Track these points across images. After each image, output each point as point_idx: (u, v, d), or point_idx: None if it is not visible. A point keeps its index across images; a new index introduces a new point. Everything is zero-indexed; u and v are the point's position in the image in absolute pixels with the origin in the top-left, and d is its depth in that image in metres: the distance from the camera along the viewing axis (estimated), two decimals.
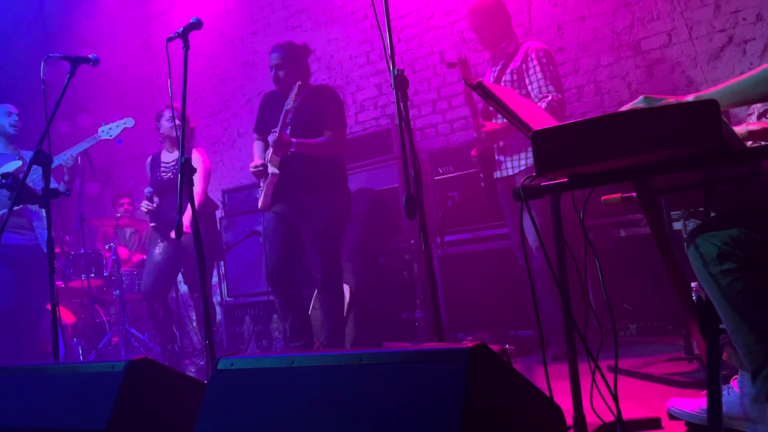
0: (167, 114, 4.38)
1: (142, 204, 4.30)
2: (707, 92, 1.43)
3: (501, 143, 3.62)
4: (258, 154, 3.75)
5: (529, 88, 3.51)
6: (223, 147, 6.31)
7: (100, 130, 3.87)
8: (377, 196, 4.61)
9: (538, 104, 3.43)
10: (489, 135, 3.58)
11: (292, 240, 3.60)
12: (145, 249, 5.56)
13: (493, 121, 3.64)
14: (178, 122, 4.28)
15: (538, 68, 3.48)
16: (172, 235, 4.15)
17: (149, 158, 4.53)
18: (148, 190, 4.32)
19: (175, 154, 4.38)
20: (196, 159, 4.23)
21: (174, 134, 4.33)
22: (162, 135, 4.42)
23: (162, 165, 4.39)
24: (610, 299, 1.74)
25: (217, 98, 6.31)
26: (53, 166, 3.70)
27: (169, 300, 4.41)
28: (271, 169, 3.49)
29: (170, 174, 4.30)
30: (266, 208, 3.61)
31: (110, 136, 3.85)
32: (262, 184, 3.59)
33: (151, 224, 4.29)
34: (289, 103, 3.35)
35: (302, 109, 3.56)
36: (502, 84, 3.59)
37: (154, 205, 4.24)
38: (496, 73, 3.65)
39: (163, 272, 4.27)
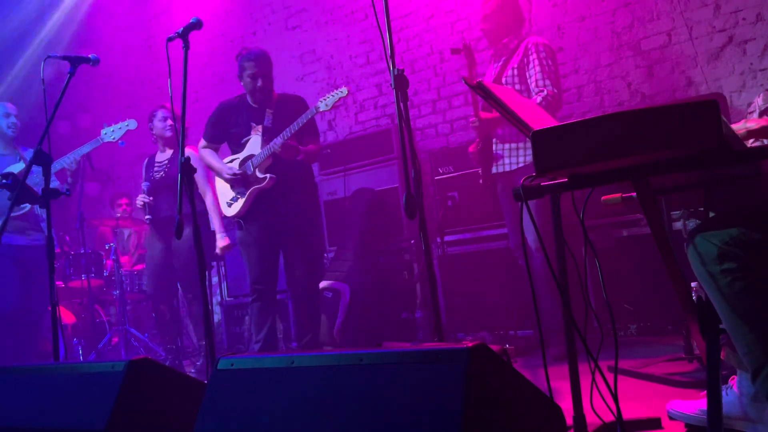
0: (160, 114, 4.37)
1: (138, 197, 4.28)
2: None
3: (500, 132, 3.61)
4: (214, 161, 3.68)
5: (529, 82, 3.51)
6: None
7: (102, 132, 3.86)
8: (377, 196, 4.61)
9: (534, 98, 3.43)
10: (484, 123, 3.57)
11: (274, 248, 3.61)
12: (144, 250, 5.56)
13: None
14: (172, 122, 4.30)
15: (536, 62, 3.48)
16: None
17: (146, 159, 4.53)
18: (145, 183, 4.31)
19: (168, 153, 4.36)
20: (193, 158, 4.22)
21: (167, 134, 4.33)
22: (155, 135, 4.41)
23: (155, 164, 4.38)
24: (610, 299, 1.75)
25: (216, 98, 6.28)
26: (57, 169, 3.72)
27: (174, 301, 4.40)
28: (263, 174, 3.47)
29: (162, 173, 4.29)
30: (242, 215, 3.57)
31: (113, 138, 3.85)
32: (235, 191, 3.56)
33: (147, 217, 4.26)
34: (317, 110, 3.36)
35: (281, 117, 3.55)
36: (504, 80, 3.59)
37: (150, 198, 4.23)
38: (497, 69, 3.64)
39: (167, 272, 4.26)
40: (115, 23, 7.10)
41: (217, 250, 4.27)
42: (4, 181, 2.81)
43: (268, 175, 3.47)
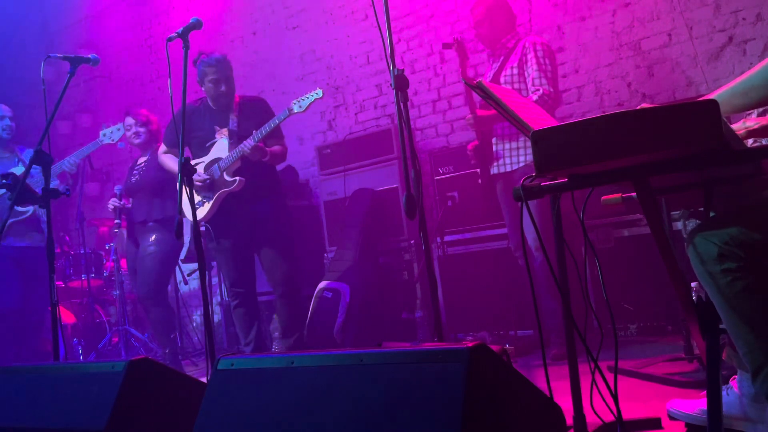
0: (127, 121, 4.22)
1: (110, 201, 4.21)
2: (716, 93, 1.43)
3: (499, 131, 3.61)
4: (173, 166, 3.61)
5: (527, 81, 3.52)
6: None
7: (101, 133, 3.85)
8: (377, 196, 4.61)
9: (530, 96, 3.43)
10: (479, 120, 3.56)
11: (248, 252, 3.61)
12: None
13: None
14: (137, 128, 4.21)
15: (533, 60, 3.49)
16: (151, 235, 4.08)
17: (132, 162, 4.43)
18: (117, 187, 4.25)
19: (144, 157, 4.27)
20: None
21: (135, 141, 4.21)
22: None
23: (135, 167, 4.29)
24: (610, 299, 1.75)
25: None
26: (57, 172, 3.71)
27: (168, 300, 4.35)
28: (231, 178, 3.45)
29: (137, 176, 4.18)
30: (209, 219, 3.53)
31: (112, 140, 3.84)
32: (201, 196, 3.52)
33: (116, 221, 4.20)
34: (290, 112, 3.36)
35: (245, 120, 3.55)
36: (503, 79, 3.59)
37: (121, 203, 4.17)
38: (496, 68, 3.65)
39: (156, 273, 4.12)
40: (115, 23, 7.10)
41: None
42: (4, 181, 2.81)
43: (237, 178, 3.43)
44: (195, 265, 4.47)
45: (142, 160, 4.29)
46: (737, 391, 1.72)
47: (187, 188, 2.51)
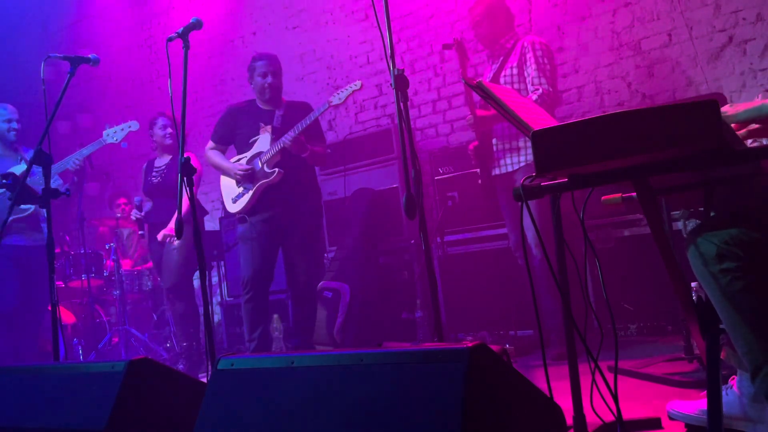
0: (160, 122, 4.41)
1: (132, 213, 4.37)
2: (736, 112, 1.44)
3: (499, 132, 3.62)
4: (221, 161, 3.73)
5: (526, 80, 3.52)
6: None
7: (105, 133, 3.87)
8: (377, 196, 4.61)
9: (529, 95, 3.43)
10: (480, 121, 3.56)
11: (275, 246, 3.63)
12: (143, 249, 5.57)
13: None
14: (171, 130, 4.34)
15: (532, 60, 3.49)
16: (159, 237, 4.17)
17: (145, 164, 4.58)
18: (137, 198, 4.39)
19: (166, 159, 4.42)
20: (192, 161, 4.21)
21: (167, 141, 4.38)
22: (155, 142, 4.46)
23: (154, 170, 4.43)
24: (610, 299, 1.75)
25: (217, 98, 6.29)
26: (61, 170, 3.74)
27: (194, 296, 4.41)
28: (270, 169, 3.50)
29: (159, 178, 4.33)
30: (247, 210, 3.60)
31: (115, 140, 3.86)
32: (241, 187, 3.59)
33: (140, 233, 4.34)
34: (330, 104, 3.39)
35: (290, 118, 3.59)
36: (502, 80, 3.59)
37: (143, 213, 4.30)
38: (495, 69, 3.65)
39: (180, 267, 4.24)
40: (115, 23, 7.10)
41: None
42: (4, 181, 2.81)
43: (276, 170, 3.50)
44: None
45: (162, 162, 4.41)
46: (737, 391, 1.72)
47: (187, 188, 2.51)
